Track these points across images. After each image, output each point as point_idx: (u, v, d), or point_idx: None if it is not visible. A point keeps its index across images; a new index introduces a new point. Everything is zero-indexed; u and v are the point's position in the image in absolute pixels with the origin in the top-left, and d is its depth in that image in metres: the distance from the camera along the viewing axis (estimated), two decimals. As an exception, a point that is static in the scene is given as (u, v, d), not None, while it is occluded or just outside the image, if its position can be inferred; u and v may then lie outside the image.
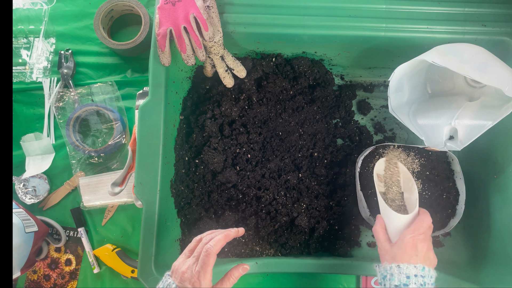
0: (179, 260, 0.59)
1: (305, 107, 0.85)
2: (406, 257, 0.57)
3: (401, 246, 0.59)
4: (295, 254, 0.80)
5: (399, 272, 0.56)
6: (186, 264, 0.56)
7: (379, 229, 0.64)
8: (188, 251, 0.60)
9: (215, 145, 0.80)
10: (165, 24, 0.69)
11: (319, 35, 0.75)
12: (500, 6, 0.74)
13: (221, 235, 0.59)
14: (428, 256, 0.59)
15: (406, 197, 0.67)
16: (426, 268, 0.57)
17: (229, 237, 0.60)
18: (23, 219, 0.78)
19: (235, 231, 0.62)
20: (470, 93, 0.79)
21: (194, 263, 0.56)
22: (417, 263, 0.57)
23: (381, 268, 0.60)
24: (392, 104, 0.77)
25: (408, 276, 0.56)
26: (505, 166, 0.74)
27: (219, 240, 0.58)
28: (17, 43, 0.93)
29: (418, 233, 0.59)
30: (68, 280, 0.88)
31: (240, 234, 0.63)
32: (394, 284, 0.56)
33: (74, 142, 0.87)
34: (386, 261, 0.60)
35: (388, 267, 0.58)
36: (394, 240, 0.62)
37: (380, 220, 0.65)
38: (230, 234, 0.60)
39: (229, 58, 0.77)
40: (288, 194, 0.82)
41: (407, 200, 0.67)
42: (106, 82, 0.92)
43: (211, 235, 0.60)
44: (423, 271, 0.56)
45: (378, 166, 0.68)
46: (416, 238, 0.59)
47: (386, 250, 0.61)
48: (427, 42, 0.73)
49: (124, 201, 0.88)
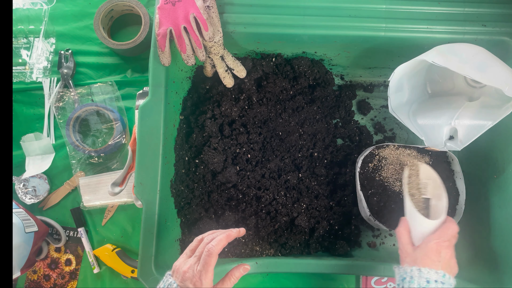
0: (180, 260, 0.58)
1: (305, 107, 0.85)
2: (428, 262, 0.57)
3: (424, 250, 0.59)
4: (295, 254, 0.80)
5: (420, 275, 0.56)
6: (187, 264, 0.56)
7: (402, 231, 0.63)
8: (190, 251, 0.60)
9: (215, 145, 0.80)
10: (165, 24, 0.69)
11: (319, 35, 0.75)
12: (500, 6, 0.74)
13: (223, 235, 0.59)
14: (450, 263, 0.58)
15: (433, 204, 0.67)
16: (447, 275, 0.56)
17: (231, 237, 0.60)
18: (23, 219, 0.78)
19: (237, 231, 0.62)
20: (470, 93, 0.79)
21: (195, 263, 0.56)
22: (439, 269, 0.57)
23: (401, 270, 0.60)
24: (392, 104, 0.77)
25: (428, 280, 0.55)
26: (505, 166, 0.74)
27: (220, 240, 0.58)
28: (17, 43, 0.93)
29: (443, 239, 0.59)
30: (68, 280, 0.88)
31: (241, 234, 0.63)
32: (413, 287, 0.56)
33: (74, 142, 0.87)
34: (407, 264, 0.60)
35: (409, 269, 0.58)
36: (417, 243, 0.62)
37: (404, 222, 0.64)
38: (231, 234, 0.60)
39: (229, 58, 0.77)
40: (288, 194, 0.82)
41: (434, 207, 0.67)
42: (106, 82, 0.92)
43: (213, 235, 0.60)
44: (444, 278, 0.56)
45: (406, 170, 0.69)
46: (440, 244, 0.58)
47: (407, 253, 0.61)
48: (427, 42, 0.73)
49: (124, 201, 0.88)
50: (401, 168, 0.79)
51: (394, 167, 0.79)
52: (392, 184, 0.78)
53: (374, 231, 0.86)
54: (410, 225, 0.64)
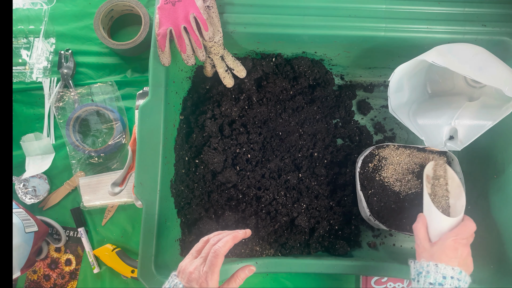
0: (186, 260, 0.58)
1: (305, 107, 0.85)
2: (445, 258, 0.58)
3: (441, 246, 0.59)
4: (295, 254, 0.80)
5: (436, 271, 0.57)
6: (193, 265, 0.56)
7: (420, 227, 0.64)
8: (196, 252, 0.59)
9: (215, 145, 0.80)
10: (165, 24, 0.69)
11: (319, 35, 0.75)
12: (500, 6, 0.74)
13: (229, 236, 0.59)
14: (466, 261, 0.59)
15: (452, 203, 0.68)
16: (463, 273, 0.57)
17: (237, 239, 0.60)
18: (23, 219, 0.78)
19: (243, 233, 0.61)
20: (470, 93, 0.79)
21: (201, 264, 0.56)
22: (455, 265, 0.57)
23: (417, 265, 0.60)
24: (392, 104, 0.77)
25: (444, 276, 0.56)
26: (505, 166, 0.74)
27: (227, 241, 0.58)
28: (17, 43, 0.93)
29: (461, 237, 0.60)
30: (68, 280, 0.88)
31: (247, 235, 0.63)
32: (429, 281, 0.57)
33: (74, 142, 0.87)
34: (424, 259, 0.60)
35: (425, 264, 0.59)
36: (434, 240, 0.62)
37: (422, 218, 0.65)
38: (238, 235, 0.60)
39: (229, 58, 0.77)
40: (288, 194, 0.82)
41: (452, 206, 0.68)
42: (106, 82, 0.92)
43: (219, 236, 0.60)
44: (460, 275, 0.57)
45: (428, 168, 0.70)
46: (458, 241, 0.59)
47: (425, 248, 0.62)
48: (427, 42, 0.73)
49: (124, 201, 0.88)
50: (401, 168, 0.79)
51: (394, 167, 0.79)
52: (392, 184, 0.78)
53: (374, 231, 0.86)
54: (428, 221, 0.64)
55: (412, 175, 0.79)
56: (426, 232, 0.64)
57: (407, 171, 0.79)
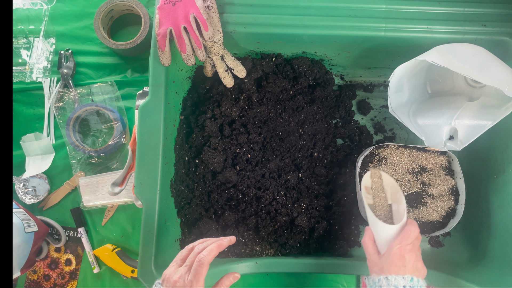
0: (171, 268, 0.58)
1: (305, 107, 0.85)
2: (394, 268, 0.57)
3: (388, 257, 0.58)
4: (295, 254, 0.80)
5: (388, 284, 0.56)
6: (178, 273, 0.56)
7: (367, 241, 0.63)
8: (180, 260, 0.59)
9: (215, 145, 0.80)
10: (165, 24, 0.69)
11: (319, 35, 0.75)
12: (500, 6, 0.74)
13: (214, 244, 0.59)
14: (416, 266, 0.58)
15: (394, 209, 0.66)
16: (414, 279, 0.56)
17: (222, 247, 0.60)
18: (23, 219, 0.78)
19: (228, 240, 0.61)
20: (470, 93, 0.79)
21: (186, 273, 0.56)
22: (405, 274, 0.56)
23: (370, 280, 0.59)
24: (392, 104, 0.77)
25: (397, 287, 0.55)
26: (505, 166, 0.74)
27: (211, 249, 0.57)
28: (17, 43, 0.93)
29: (405, 243, 0.58)
30: (68, 280, 0.88)
31: (232, 242, 0.62)
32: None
33: (74, 142, 0.87)
34: (375, 273, 0.59)
35: (377, 279, 0.58)
36: (383, 251, 0.61)
37: (368, 232, 0.64)
38: (222, 243, 0.60)
39: (229, 58, 0.77)
40: (288, 194, 0.82)
41: (395, 211, 0.66)
42: (106, 82, 0.92)
43: (204, 244, 0.60)
44: (412, 282, 0.56)
45: (366, 179, 0.68)
46: (403, 248, 0.58)
47: (374, 262, 0.61)
48: (427, 42, 0.73)
49: (124, 201, 0.88)
50: (401, 168, 0.80)
51: (394, 167, 0.79)
52: (392, 184, 0.78)
53: (374, 231, 0.86)
54: (374, 233, 0.63)
55: (412, 175, 0.79)
56: (373, 245, 0.62)
57: (407, 171, 0.79)
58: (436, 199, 0.79)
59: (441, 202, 0.78)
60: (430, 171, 0.80)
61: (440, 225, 0.78)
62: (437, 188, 0.79)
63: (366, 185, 0.68)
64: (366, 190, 0.68)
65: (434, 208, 0.78)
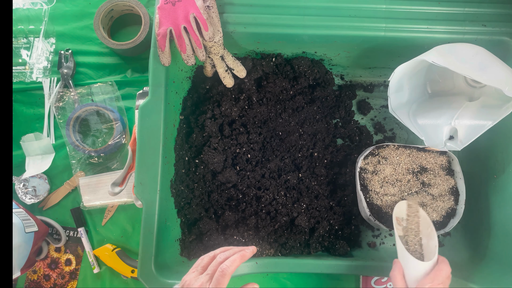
0: (191, 275, 0.56)
1: (305, 107, 0.86)
2: None
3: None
4: (295, 254, 0.80)
5: None
6: (199, 281, 0.54)
7: (397, 275, 0.62)
8: (201, 267, 0.57)
9: (215, 145, 0.80)
10: (165, 24, 0.69)
11: (319, 35, 0.75)
12: (500, 6, 0.74)
13: (237, 255, 0.57)
14: None
15: (424, 243, 0.66)
16: None
17: (245, 258, 0.58)
18: (23, 219, 0.78)
19: (250, 251, 0.60)
20: (470, 93, 0.79)
21: (207, 281, 0.54)
22: None
23: None
24: (392, 104, 0.77)
25: None
26: (505, 166, 0.74)
27: (234, 260, 0.56)
28: (17, 43, 0.93)
29: (437, 282, 0.58)
30: (68, 280, 0.88)
31: (254, 253, 0.61)
32: None
33: (74, 142, 0.87)
34: None
35: None
36: (410, 286, 0.61)
37: (398, 265, 0.63)
38: (246, 254, 0.58)
39: (229, 58, 0.77)
40: (288, 194, 0.82)
41: (425, 246, 0.66)
42: (106, 82, 0.92)
43: (226, 254, 0.58)
44: None
45: (399, 209, 0.67)
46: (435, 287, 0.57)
47: None
48: (427, 42, 0.73)
49: (124, 201, 0.88)
50: (401, 168, 0.79)
51: (394, 167, 0.79)
52: (392, 184, 0.78)
53: (374, 231, 0.86)
54: (403, 266, 0.62)
55: (412, 175, 0.79)
56: (403, 279, 0.62)
57: (407, 171, 0.79)
58: (436, 199, 0.79)
59: (441, 202, 0.78)
60: (430, 171, 0.80)
61: (440, 225, 0.78)
62: (437, 188, 0.79)
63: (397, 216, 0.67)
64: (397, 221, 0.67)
65: (434, 208, 0.78)
